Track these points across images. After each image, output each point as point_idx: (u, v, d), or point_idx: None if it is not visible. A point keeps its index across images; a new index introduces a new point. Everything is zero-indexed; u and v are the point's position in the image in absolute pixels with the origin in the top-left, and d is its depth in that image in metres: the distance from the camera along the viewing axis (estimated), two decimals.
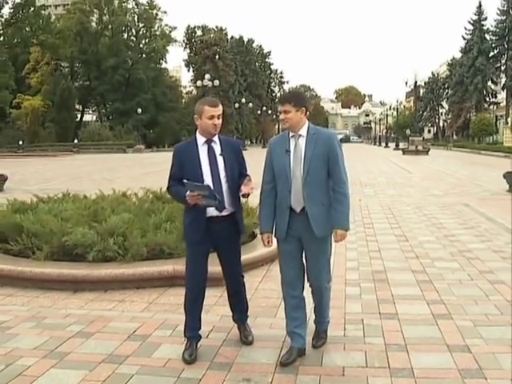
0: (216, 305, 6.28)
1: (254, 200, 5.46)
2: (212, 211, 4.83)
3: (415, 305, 6.25)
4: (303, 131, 4.72)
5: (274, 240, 4.90)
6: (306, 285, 4.96)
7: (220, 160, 4.88)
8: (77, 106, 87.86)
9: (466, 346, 4.99)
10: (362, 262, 8.36)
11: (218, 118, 4.83)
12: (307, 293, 5.00)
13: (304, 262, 4.87)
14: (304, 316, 4.92)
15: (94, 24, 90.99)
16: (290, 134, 4.76)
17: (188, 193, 4.67)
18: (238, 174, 4.94)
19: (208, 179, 4.79)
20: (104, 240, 7.36)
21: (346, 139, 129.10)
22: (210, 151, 4.89)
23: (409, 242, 9.81)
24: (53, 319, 5.93)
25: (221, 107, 4.90)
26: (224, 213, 4.86)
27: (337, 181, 4.70)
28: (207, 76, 60.28)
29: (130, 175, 26.96)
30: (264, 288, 7.02)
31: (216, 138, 4.93)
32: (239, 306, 5.30)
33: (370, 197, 17.10)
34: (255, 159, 10.44)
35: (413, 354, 4.82)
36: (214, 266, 5.20)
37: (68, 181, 24.34)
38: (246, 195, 4.85)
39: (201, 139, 4.91)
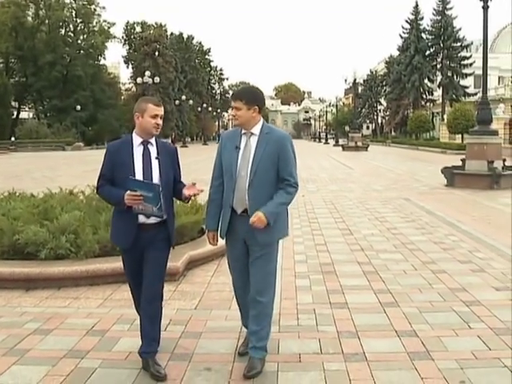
0: (171, 299, 6.40)
1: (203, 197, 5.39)
2: (143, 217, 4.53)
3: (363, 294, 6.53)
4: (256, 130, 4.52)
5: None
6: None
7: (155, 163, 4.59)
8: (13, 103, 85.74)
9: (413, 331, 5.28)
10: (309, 255, 8.60)
11: (161, 118, 4.63)
12: None
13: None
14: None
15: (29, 19, 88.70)
16: (243, 131, 4.56)
17: (128, 192, 4.35)
18: (173, 180, 4.68)
19: None
20: (56, 238, 7.37)
21: None
22: (146, 153, 4.60)
23: (353, 236, 10.12)
24: (8, 318, 5.93)
25: (163, 108, 4.71)
26: (156, 220, 4.55)
27: (288, 176, 4.46)
28: (147, 73, 59.70)
29: (71, 173, 26.59)
30: (216, 282, 7.18)
31: (153, 140, 4.66)
32: (151, 334, 4.62)
33: (313, 192, 17.43)
34: (196, 156, 10.53)
35: (364, 340, 5.06)
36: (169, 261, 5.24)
37: (7, 179, 23.83)
38: (188, 199, 4.75)
39: (137, 139, 4.62)
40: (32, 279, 7.00)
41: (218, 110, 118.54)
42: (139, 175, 4.49)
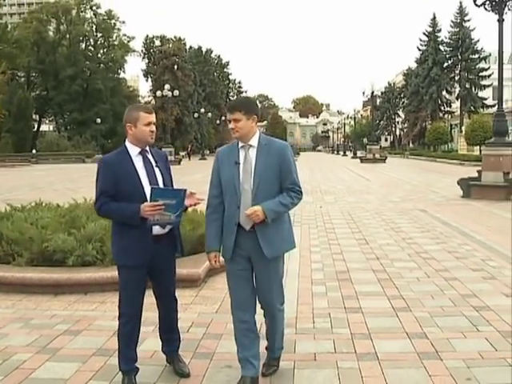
0: (193, 303, 6.73)
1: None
2: (159, 228, 4.40)
3: (377, 300, 6.80)
4: (254, 141, 4.36)
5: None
6: (258, 307, 4.60)
7: (157, 172, 4.50)
8: (34, 116, 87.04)
9: (423, 334, 5.54)
10: (326, 264, 8.88)
11: (154, 125, 4.49)
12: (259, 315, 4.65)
13: (254, 283, 4.50)
14: (256, 341, 4.51)
15: (51, 33, 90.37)
16: (240, 145, 4.38)
17: (148, 203, 4.19)
18: (171, 186, 4.58)
19: (148, 193, 4.30)
20: (83, 246, 7.72)
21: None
22: (146, 162, 4.47)
23: (369, 245, 10.38)
24: (39, 320, 6.28)
25: (154, 114, 4.56)
26: (167, 228, 4.46)
27: (291, 184, 4.36)
28: (167, 86, 60.51)
29: (92, 185, 26.81)
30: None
31: (148, 149, 4.54)
32: (171, 336, 4.84)
33: (331, 204, 17.68)
34: None
35: (376, 341, 5.34)
36: (189, 268, 5.50)
37: (30, 191, 24.39)
38: (186, 208, 4.54)
39: (134, 149, 4.46)
40: (60, 285, 7.35)
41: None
42: (146, 186, 4.33)
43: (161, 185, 4.43)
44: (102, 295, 7.17)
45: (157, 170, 4.49)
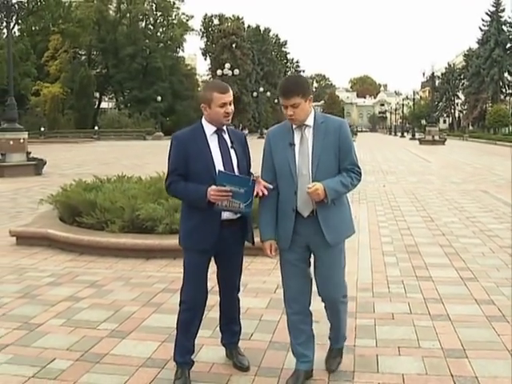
0: (274, 269, 7.28)
1: None
2: (229, 214, 4.10)
3: (445, 271, 7.30)
4: (310, 121, 4.01)
5: None
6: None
7: (232, 153, 4.17)
8: (94, 94, 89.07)
9: (490, 300, 6.02)
10: (394, 238, 9.42)
11: (230, 105, 4.13)
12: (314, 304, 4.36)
13: (311, 272, 4.22)
14: (310, 333, 4.26)
15: (111, 12, 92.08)
16: (294, 125, 4.03)
17: (214, 187, 3.87)
18: (248, 170, 4.28)
19: None
20: (170, 215, 8.40)
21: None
22: (222, 142, 4.16)
23: (434, 223, 10.83)
24: (138, 279, 7.02)
25: (231, 92, 4.18)
26: (236, 215, 4.14)
27: (350, 165, 4.04)
28: (227, 65, 61.25)
29: (157, 161, 27.73)
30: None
31: (225, 128, 4.23)
32: (231, 327, 4.58)
33: (393, 183, 18.04)
34: None
35: (447, 305, 5.85)
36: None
37: (99, 166, 25.51)
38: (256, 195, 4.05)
39: (209, 128, 4.15)
40: (152, 250, 8.08)
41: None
42: (219, 167, 4.03)
43: (235, 168, 4.11)
44: None
45: (232, 152, 4.16)
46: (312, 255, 4.17)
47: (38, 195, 14.99)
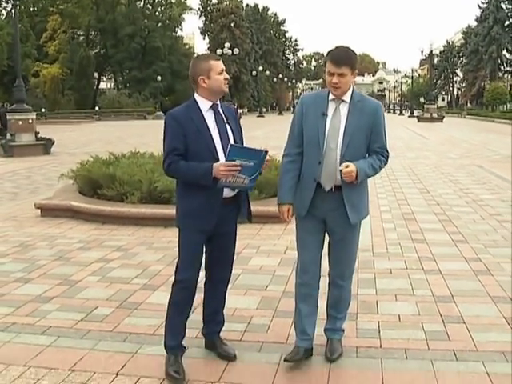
0: (283, 234, 8.01)
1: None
2: (229, 190, 3.98)
3: (439, 234, 8.04)
4: (347, 96, 3.94)
5: None
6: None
7: (228, 128, 4.04)
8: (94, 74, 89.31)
9: (478, 258, 6.77)
10: (392, 207, 10.17)
11: (225, 72, 4.04)
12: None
13: (325, 245, 4.20)
14: (314, 310, 4.22)
15: None
16: (330, 96, 3.96)
17: (224, 162, 3.76)
18: None
19: (220, 152, 3.93)
20: None
21: None
22: (218, 118, 4.01)
23: (430, 194, 11.60)
24: (159, 244, 7.73)
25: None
26: (234, 192, 4.03)
27: (380, 148, 4.02)
28: (227, 45, 61.69)
29: (161, 140, 28.52)
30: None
31: (219, 103, 4.08)
32: (215, 317, 4.36)
33: (392, 158, 18.37)
34: (274, 125, 11.83)
35: (440, 263, 6.58)
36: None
37: (105, 145, 25.97)
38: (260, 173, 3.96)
39: (204, 103, 3.99)
40: (169, 218, 8.66)
41: (293, 81, 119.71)
42: (218, 144, 3.93)
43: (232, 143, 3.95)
44: None
45: (228, 127, 4.04)
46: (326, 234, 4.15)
47: (51, 173, 15.72)
